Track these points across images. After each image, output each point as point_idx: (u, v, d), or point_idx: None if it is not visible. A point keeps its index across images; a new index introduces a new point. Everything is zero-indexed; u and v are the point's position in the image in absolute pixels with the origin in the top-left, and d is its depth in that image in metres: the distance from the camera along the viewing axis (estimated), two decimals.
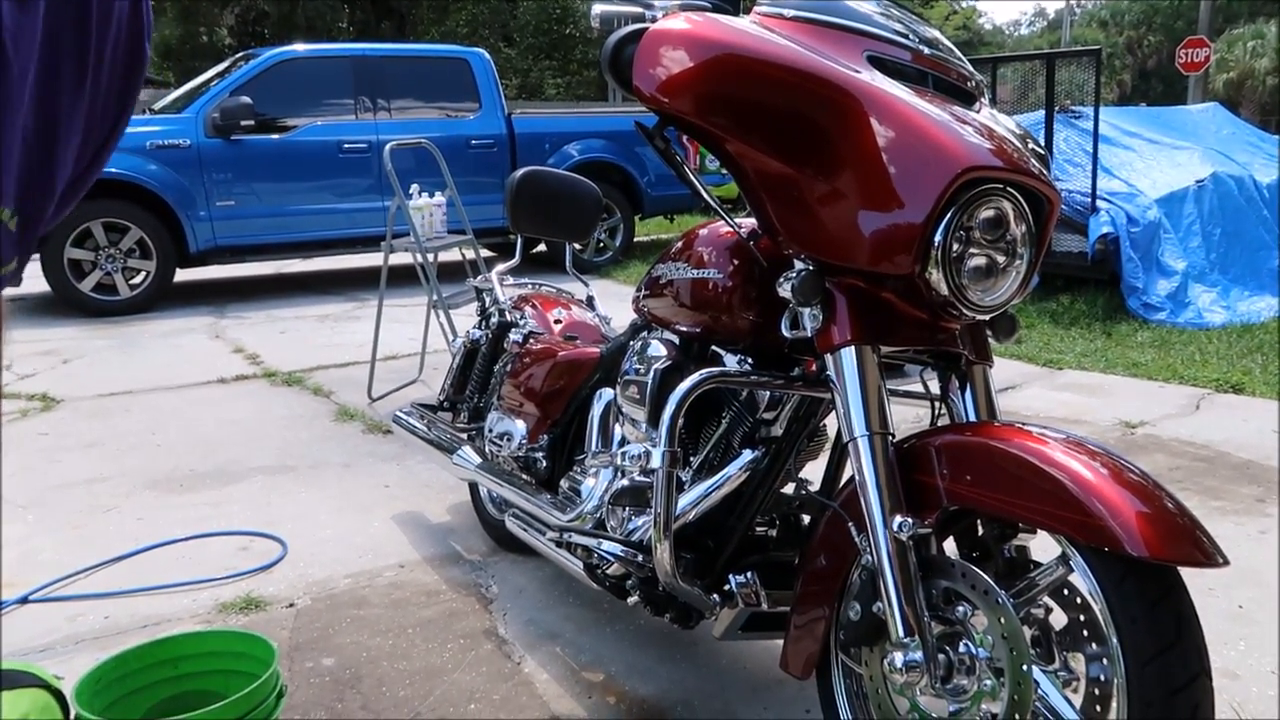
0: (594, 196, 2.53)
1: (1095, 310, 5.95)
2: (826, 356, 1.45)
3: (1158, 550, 1.14)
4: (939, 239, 1.32)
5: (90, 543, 2.79)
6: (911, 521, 1.34)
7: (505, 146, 8.01)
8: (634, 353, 1.87)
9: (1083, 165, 6.16)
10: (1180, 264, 5.99)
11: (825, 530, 1.54)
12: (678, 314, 1.77)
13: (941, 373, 1.58)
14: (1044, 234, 1.43)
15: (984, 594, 1.32)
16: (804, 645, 1.56)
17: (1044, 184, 1.41)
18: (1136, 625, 1.18)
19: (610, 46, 1.45)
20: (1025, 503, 1.25)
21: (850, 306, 1.42)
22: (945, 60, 1.48)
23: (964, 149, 1.32)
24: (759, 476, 1.70)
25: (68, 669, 2.02)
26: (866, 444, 1.39)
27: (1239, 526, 2.81)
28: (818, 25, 1.43)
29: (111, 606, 2.42)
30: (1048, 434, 1.31)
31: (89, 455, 3.63)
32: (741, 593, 1.65)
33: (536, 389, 2.35)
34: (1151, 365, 4.76)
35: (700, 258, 1.72)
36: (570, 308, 2.67)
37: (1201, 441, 3.61)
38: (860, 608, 1.43)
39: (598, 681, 2.06)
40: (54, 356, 5.37)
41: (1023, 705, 1.28)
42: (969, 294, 1.38)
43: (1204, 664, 1.19)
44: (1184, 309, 5.80)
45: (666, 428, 1.51)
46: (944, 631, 1.39)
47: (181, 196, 6.73)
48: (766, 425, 1.71)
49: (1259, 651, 2.13)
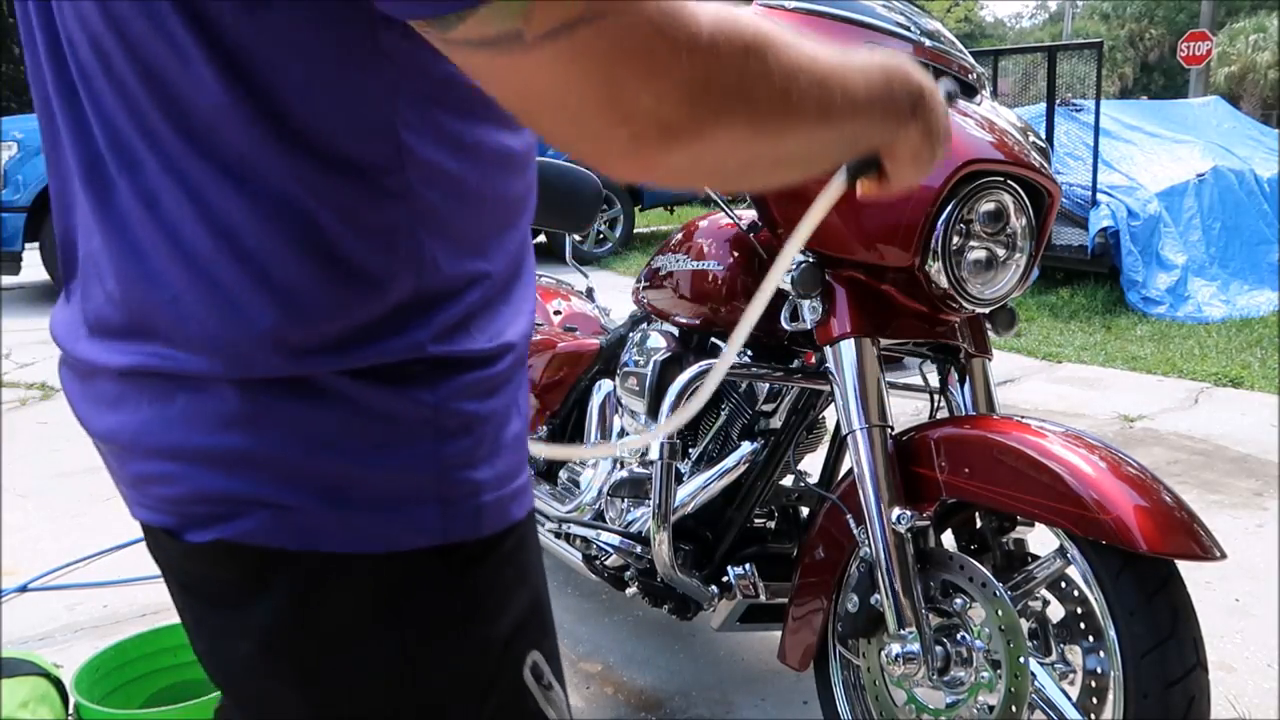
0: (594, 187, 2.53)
1: (1095, 304, 5.95)
2: (826, 349, 1.45)
3: (1155, 544, 1.15)
4: (939, 232, 1.32)
5: (89, 531, 2.79)
6: (910, 514, 1.35)
7: None
8: (633, 344, 1.87)
9: (1083, 158, 6.16)
10: (1180, 258, 5.99)
11: (823, 522, 1.54)
12: (677, 306, 1.77)
13: (940, 366, 1.58)
14: (1044, 227, 1.43)
15: (981, 586, 1.33)
16: (802, 637, 1.56)
17: (1044, 177, 1.41)
18: (1133, 618, 1.19)
19: None
20: (1023, 496, 1.25)
21: (850, 299, 1.42)
22: (947, 52, 1.47)
23: (964, 141, 1.32)
24: (758, 468, 1.70)
25: (67, 657, 2.03)
26: (865, 436, 1.39)
27: (1236, 520, 2.82)
28: (819, 17, 1.43)
29: (110, 595, 2.42)
30: (1046, 427, 1.31)
31: (88, 444, 3.60)
32: (740, 584, 1.65)
33: (535, 380, 2.35)
34: (1150, 359, 4.76)
35: (700, 249, 1.72)
36: (570, 299, 2.67)
37: (1200, 435, 3.62)
38: (858, 599, 1.43)
39: (596, 672, 2.06)
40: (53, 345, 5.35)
41: (1019, 697, 1.28)
42: (969, 287, 1.38)
43: (1200, 657, 1.19)
44: (1183, 303, 5.81)
45: (666, 419, 1.51)
46: (941, 623, 1.39)
47: None
48: (765, 417, 1.72)
49: (1255, 644, 2.14)
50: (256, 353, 0.59)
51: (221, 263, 0.59)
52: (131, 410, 0.64)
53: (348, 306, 0.60)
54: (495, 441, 0.67)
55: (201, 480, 0.62)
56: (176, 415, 0.62)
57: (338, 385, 0.61)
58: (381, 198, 0.60)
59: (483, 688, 0.69)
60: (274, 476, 0.61)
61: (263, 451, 0.61)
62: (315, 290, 0.59)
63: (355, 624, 0.65)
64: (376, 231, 0.60)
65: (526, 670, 0.71)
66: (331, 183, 0.59)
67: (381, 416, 0.62)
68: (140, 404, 0.63)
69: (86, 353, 0.68)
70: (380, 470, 0.62)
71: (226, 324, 0.59)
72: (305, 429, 0.61)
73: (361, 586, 0.64)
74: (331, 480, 0.61)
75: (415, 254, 0.61)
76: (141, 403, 0.63)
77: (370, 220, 0.60)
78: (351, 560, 0.63)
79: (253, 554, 0.62)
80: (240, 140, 0.57)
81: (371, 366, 0.61)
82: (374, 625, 0.65)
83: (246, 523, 0.61)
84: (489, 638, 0.68)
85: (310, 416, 0.61)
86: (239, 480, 0.61)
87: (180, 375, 0.61)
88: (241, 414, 0.60)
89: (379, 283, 0.60)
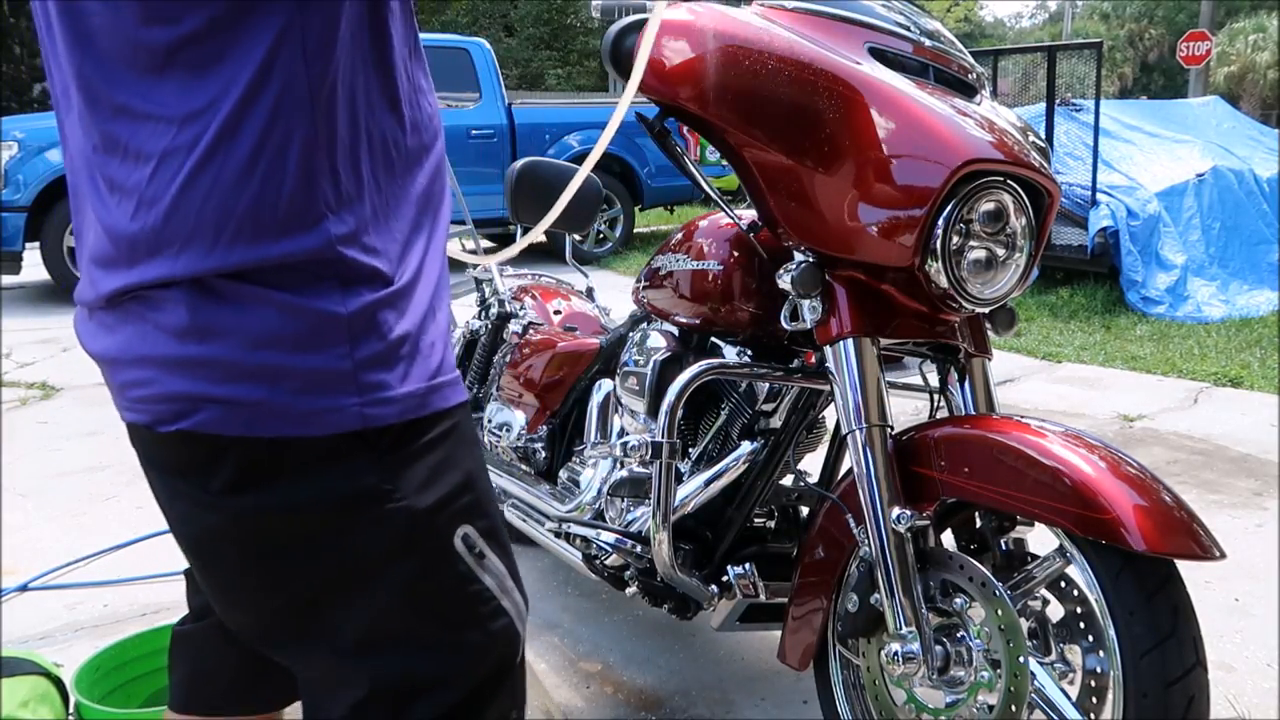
0: (594, 187, 2.53)
1: (1094, 304, 5.95)
2: (826, 348, 1.45)
3: (1155, 543, 1.15)
4: (939, 231, 1.33)
5: (90, 531, 2.79)
6: (909, 513, 1.35)
7: (505, 137, 7.99)
8: (633, 344, 1.87)
9: (1083, 158, 6.16)
10: (1179, 258, 5.99)
11: (823, 522, 1.54)
12: (677, 305, 1.77)
13: (940, 365, 1.58)
14: (1044, 227, 1.43)
15: (981, 586, 1.33)
16: (802, 636, 1.56)
17: (1044, 177, 1.41)
18: (1133, 617, 1.19)
19: (611, 37, 1.45)
20: (1023, 495, 1.25)
21: (850, 298, 1.42)
22: (946, 52, 1.48)
23: (964, 141, 1.32)
24: (758, 468, 1.70)
25: (67, 657, 2.03)
26: (865, 436, 1.39)
27: (1236, 520, 2.82)
28: (819, 17, 1.43)
29: (111, 595, 2.42)
30: (1046, 427, 1.31)
31: (88, 443, 3.63)
32: (739, 584, 1.65)
33: (536, 380, 2.35)
34: (1150, 359, 4.77)
35: (700, 249, 1.72)
36: (570, 299, 2.67)
37: (1199, 435, 3.62)
38: (858, 599, 1.44)
39: (595, 671, 2.06)
40: (53, 344, 5.37)
41: (1019, 697, 1.28)
42: (968, 287, 1.38)
43: (1200, 656, 1.19)
44: (1183, 302, 5.81)
45: (665, 419, 1.51)
46: (941, 623, 1.39)
47: None
48: (765, 417, 1.72)
49: (1255, 644, 2.14)
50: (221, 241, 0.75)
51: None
52: (117, 332, 0.81)
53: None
54: (413, 344, 0.82)
55: (167, 383, 0.78)
56: (149, 330, 0.78)
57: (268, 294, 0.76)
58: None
59: (404, 549, 0.83)
60: (220, 376, 0.77)
61: (212, 356, 0.76)
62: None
63: (291, 496, 0.80)
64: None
65: (457, 539, 0.85)
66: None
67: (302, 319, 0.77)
68: (124, 326, 0.80)
69: (84, 294, 0.84)
70: (304, 366, 0.77)
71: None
72: (242, 334, 0.76)
73: (291, 467, 0.79)
74: (266, 376, 0.77)
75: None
76: (125, 325, 0.80)
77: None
78: (287, 443, 0.78)
79: (209, 440, 0.78)
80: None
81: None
82: (306, 497, 0.80)
83: (202, 416, 0.77)
84: (412, 510, 0.82)
85: (245, 322, 0.76)
86: (196, 382, 0.77)
87: (149, 291, 0.77)
88: (194, 326, 0.76)
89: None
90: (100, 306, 0.82)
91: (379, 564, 0.83)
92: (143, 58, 0.74)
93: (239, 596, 0.88)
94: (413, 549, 0.83)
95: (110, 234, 0.79)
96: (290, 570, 0.83)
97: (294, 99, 0.75)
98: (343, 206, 0.79)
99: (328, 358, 0.77)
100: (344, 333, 0.77)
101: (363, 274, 0.79)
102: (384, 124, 0.83)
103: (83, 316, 0.88)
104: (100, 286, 0.80)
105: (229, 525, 0.82)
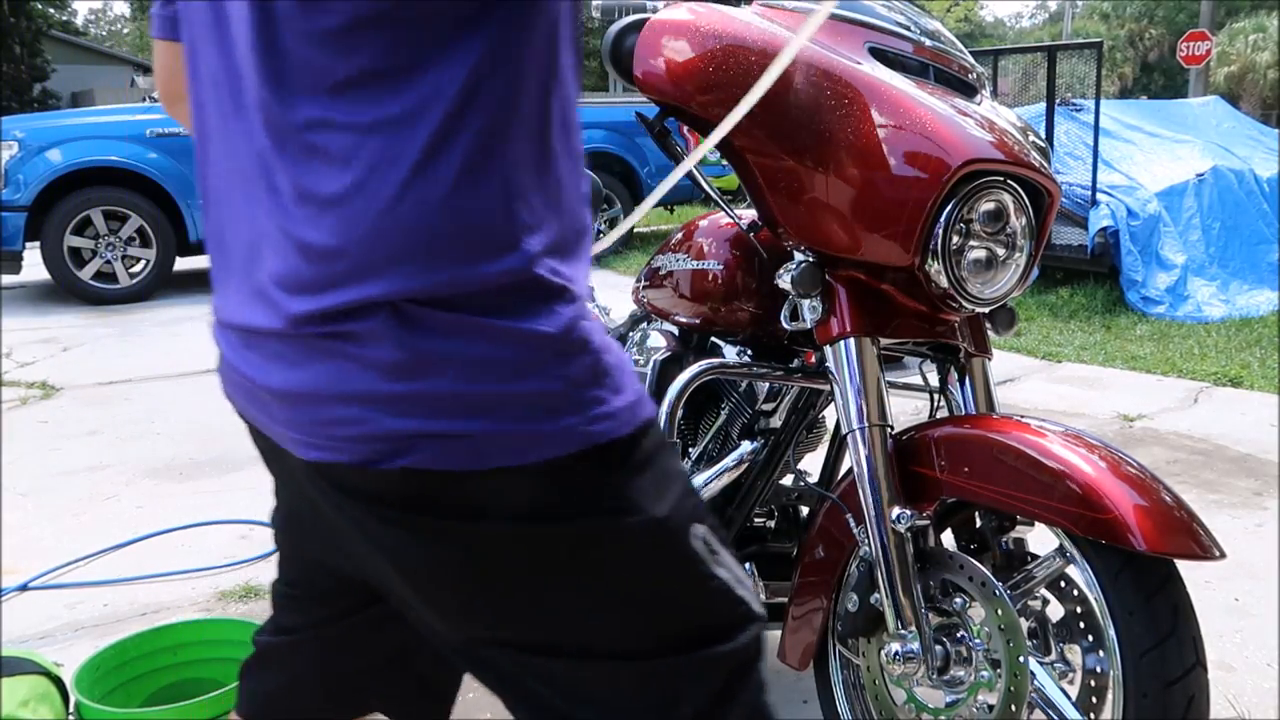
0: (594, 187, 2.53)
1: (1094, 303, 5.95)
2: (826, 348, 1.45)
3: (1155, 543, 1.15)
4: (939, 231, 1.32)
5: (90, 530, 2.79)
6: (909, 513, 1.35)
7: None
8: (633, 343, 1.87)
9: (1083, 158, 6.15)
10: (1179, 257, 5.99)
11: (823, 522, 1.54)
12: (677, 305, 1.77)
13: (940, 365, 1.58)
14: (1044, 227, 1.43)
15: (981, 586, 1.33)
16: (801, 636, 1.56)
17: (1044, 176, 1.41)
18: (1133, 617, 1.19)
19: (611, 36, 1.45)
20: (1023, 495, 1.25)
21: (850, 298, 1.42)
22: (946, 52, 1.48)
23: (964, 141, 1.32)
24: (757, 468, 1.70)
25: (67, 656, 2.03)
26: (865, 436, 1.39)
27: (1236, 520, 2.82)
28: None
29: (111, 594, 2.42)
30: (1046, 427, 1.31)
31: (89, 443, 3.63)
32: None
33: None
34: (1150, 359, 4.77)
35: (700, 249, 1.72)
36: None
37: (1199, 435, 3.62)
38: (858, 599, 1.44)
39: None
40: (54, 344, 5.37)
41: (1019, 696, 1.28)
42: (968, 286, 1.38)
43: (1200, 656, 1.19)
44: (1183, 302, 5.81)
45: (665, 418, 1.51)
46: (941, 623, 1.39)
47: (182, 184, 6.71)
48: (765, 417, 1.72)
49: (1255, 644, 2.14)
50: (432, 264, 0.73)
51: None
52: (305, 367, 0.76)
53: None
54: (607, 359, 0.80)
55: (381, 422, 0.74)
56: (352, 367, 0.74)
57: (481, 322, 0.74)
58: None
59: (650, 560, 0.83)
60: (438, 411, 0.74)
61: (428, 391, 0.73)
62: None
63: (524, 523, 0.78)
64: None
65: (695, 541, 0.86)
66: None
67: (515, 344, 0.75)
68: (314, 360, 0.76)
69: (248, 316, 0.80)
70: (523, 390, 0.75)
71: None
72: (457, 365, 0.73)
73: (523, 492, 0.77)
74: (487, 406, 0.74)
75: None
76: (316, 359, 0.75)
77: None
78: (515, 470, 0.76)
79: (433, 474, 0.75)
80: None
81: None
82: (542, 522, 0.78)
83: (421, 453, 0.74)
84: (651, 520, 0.81)
85: (458, 352, 0.73)
86: (413, 419, 0.74)
87: (344, 320, 0.73)
88: (404, 360, 0.73)
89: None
90: (276, 334, 0.77)
91: (628, 577, 0.83)
92: (343, 71, 0.73)
93: (461, 620, 0.85)
94: (658, 558, 0.84)
95: (302, 248, 0.74)
96: (534, 592, 0.81)
97: (504, 114, 0.74)
98: (539, 222, 0.77)
99: (544, 380, 0.75)
100: (555, 352, 0.76)
101: (555, 290, 0.77)
102: (570, 134, 0.82)
103: (236, 342, 0.83)
104: (287, 308, 0.75)
105: (459, 553, 0.80)
